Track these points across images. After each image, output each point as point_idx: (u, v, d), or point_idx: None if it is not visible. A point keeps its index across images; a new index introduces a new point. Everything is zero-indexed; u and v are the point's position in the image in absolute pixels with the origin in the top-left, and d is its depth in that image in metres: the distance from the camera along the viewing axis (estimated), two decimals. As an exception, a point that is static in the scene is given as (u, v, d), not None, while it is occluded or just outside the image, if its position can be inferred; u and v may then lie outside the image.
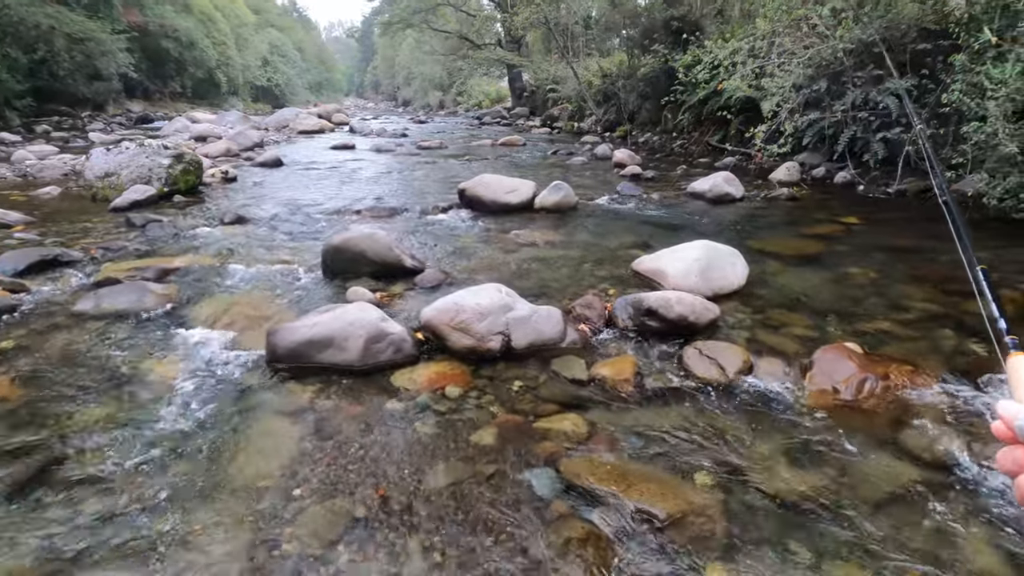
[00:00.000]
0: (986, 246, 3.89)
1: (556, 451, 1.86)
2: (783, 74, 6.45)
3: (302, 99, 43.05)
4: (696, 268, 3.14)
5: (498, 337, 2.45)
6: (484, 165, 8.68)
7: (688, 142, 10.10)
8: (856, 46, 6.12)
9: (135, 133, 13.82)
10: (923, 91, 5.67)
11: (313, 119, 16.94)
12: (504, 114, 21.90)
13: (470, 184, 5.38)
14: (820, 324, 2.73)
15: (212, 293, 3.21)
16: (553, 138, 13.72)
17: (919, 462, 1.80)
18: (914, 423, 1.98)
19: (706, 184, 5.91)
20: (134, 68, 21.99)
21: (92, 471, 1.76)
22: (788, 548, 1.47)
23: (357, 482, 1.72)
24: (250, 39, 37.62)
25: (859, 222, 4.77)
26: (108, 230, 4.55)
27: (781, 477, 1.73)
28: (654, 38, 10.97)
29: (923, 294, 3.07)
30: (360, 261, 3.41)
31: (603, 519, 1.57)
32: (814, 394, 2.18)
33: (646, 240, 4.27)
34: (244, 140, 10.67)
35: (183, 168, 6.03)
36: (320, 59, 59.90)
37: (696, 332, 2.60)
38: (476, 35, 22.86)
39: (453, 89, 32.36)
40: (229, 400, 2.16)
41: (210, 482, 1.72)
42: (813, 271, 3.55)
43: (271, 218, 5.06)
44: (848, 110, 6.23)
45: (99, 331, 2.73)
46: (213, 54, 29.50)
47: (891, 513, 1.59)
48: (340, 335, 2.35)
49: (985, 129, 4.22)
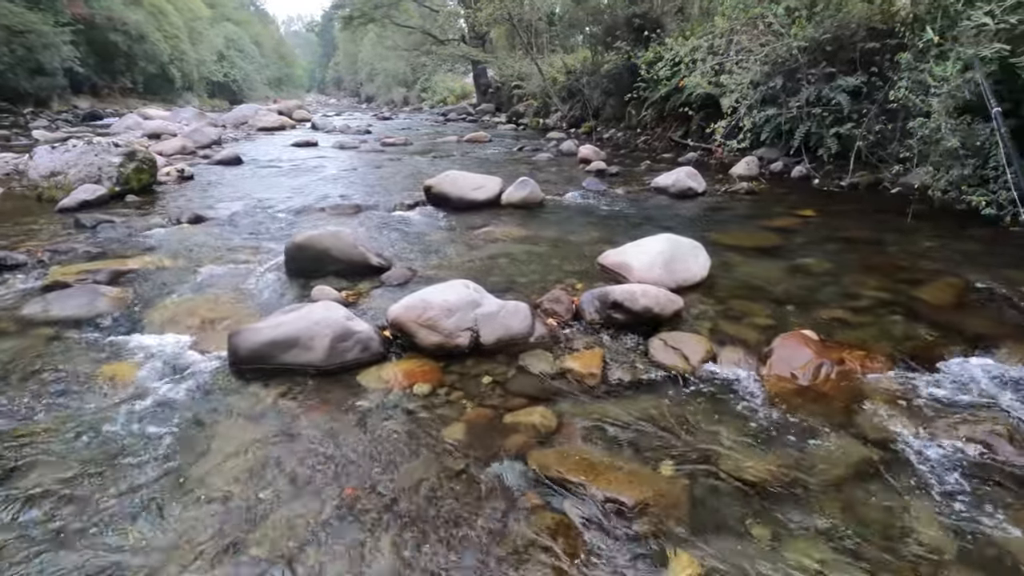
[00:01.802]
0: (931, 236, 4.09)
1: (526, 444, 1.87)
2: (741, 71, 6.62)
3: (261, 95, 41.95)
4: (660, 261, 3.20)
5: (466, 333, 2.45)
6: (450, 162, 8.63)
7: (651, 138, 10.26)
8: (809, 44, 6.33)
9: (83, 130, 13.19)
10: (872, 88, 5.91)
11: (273, 116, 16.51)
12: (469, 110, 21.81)
13: (436, 181, 5.35)
14: (779, 313, 2.83)
15: (170, 295, 3.11)
16: (519, 134, 13.74)
17: (871, 442, 1.88)
18: (867, 405, 2.07)
19: (669, 179, 6.02)
20: (80, 62, 21.04)
21: (43, 485, 1.69)
22: (750, 530, 1.52)
23: (325, 483, 1.70)
24: (204, 33, 36.40)
25: (815, 215, 4.95)
26: (56, 232, 4.35)
27: (743, 462, 1.78)
28: (617, 35, 11.09)
29: (875, 283, 3.21)
30: (325, 259, 3.35)
31: (573, 509, 1.59)
32: (774, 380, 2.25)
33: (612, 234, 4.32)
34: (201, 137, 10.33)
35: (136, 166, 5.80)
36: (279, 54, 58.42)
37: (661, 323, 2.66)
38: (440, 31, 22.66)
39: (417, 85, 32.05)
40: (190, 405, 2.10)
41: (171, 490, 1.67)
42: (772, 262, 3.67)
43: (231, 217, 4.92)
44: (803, 106, 6.43)
45: (48, 337, 2.61)
46: (165, 48, 28.44)
47: (846, 491, 1.66)
48: (305, 335, 2.31)
49: (929, 124, 4.42)
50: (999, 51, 3.87)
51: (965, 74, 4.11)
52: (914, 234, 4.16)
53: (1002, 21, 3.84)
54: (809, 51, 6.38)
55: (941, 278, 3.26)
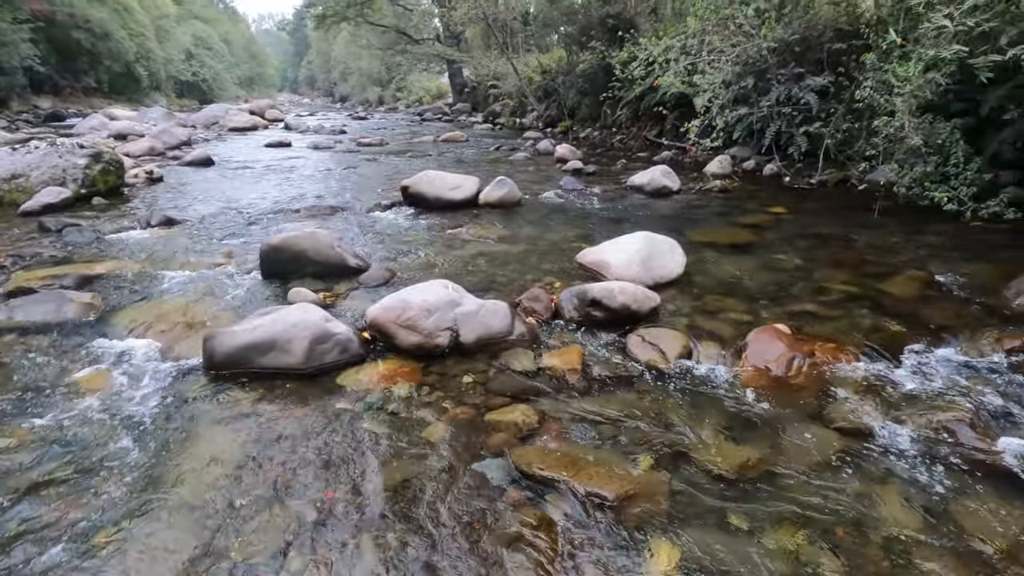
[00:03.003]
0: (897, 231, 4.22)
1: (508, 442, 1.88)
2: (713, 71, 6.73)
3: (232, 94, 41.10)
4: (637, 259, 3.25)
5: (446, 333, 2.45)
6: (427, 162, 8.59)
7: (627, 137, 10.36)
8: (779, 45, 6.47)
9: (45, 131, 12.77)
10: (839, 88, 6.07)
11: (245, 116, 16.20)
12: (445, 110, 21.71)
13: (413, 181, 5.32)
14: (753, 308, 2.89)
15: (141, 300, 3.03)
16: (495, 134, 13.74)
17: (842, 431, 1.94)
18: (837, 395, 2.14)
19: (645, 178, 6.09)
20: (41, 61, 20.34)
21: (11, 493, 1.64)
22: (727, 519, 1.55)
23: (306, 485, 1.69)
24: (172, 31, 35.49)
25: (786, 211, 5.06)
26: (18, 236, 4.21)
27: (720, 453, 1.82)
28: (591, 35, 11.17)
29: (843, 277, 3.30)
30: (301, 261, 3.31)
31: (556, 504, 1.61)
32: (748, 374, 2.30)
33: (589, 233, 4.36)
34: (169, 138, 10.08)
35: (102, 168, 5.64)
36: (250, 53, 57.28)
37: (639, 320, 2.70)
38: (414, 30, 22.50)
39: (392, 85, 31.76)
40: (164, 412, 2.06)
41: (148, 498, 1.63)
42: (746, 258, 3.74)
43: (203, 219, 4.82)
44: (773, 105, 6.58)
45: (13, 345, 2.53)
46: (131, 46, 27.64)
47: (819, 479, 1.71)
48: (283, 337, 2.29)
49: (894, 123, 4.56)
50: (958, 52, 4.01)
51: (927, 74, 4.25)
52: (880, 229, 4.29)
53: (960, 23, 3.98)
54: (778, 52, 6.53)
55: (906, 272, 3.37)
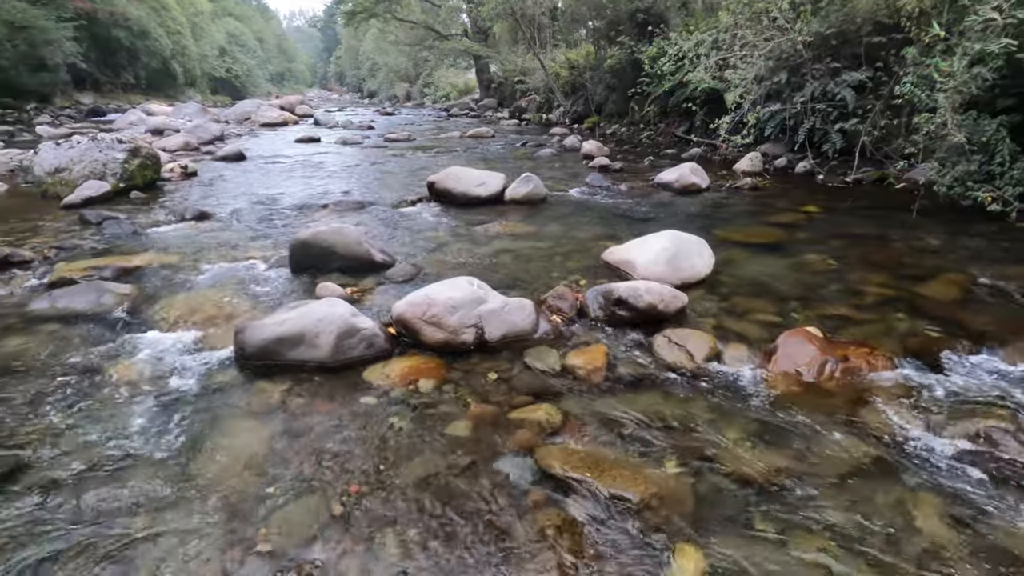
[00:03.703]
0: (936, 232, 4.08)
1: (531, 441, 1.88)
2: (745, 66, 6.59)
3: (263, 91, 41.89)
4: (664, 257, 3.20)
5: (471, 330, 2.45)
6: (453, 158, 8.62)
7: (655, 133, 10.23)
8: (814, 39, 6.30)
9: (86, 126, 13.21)
10: (877, 83, 5.88)
11: (276, 111, 16.49)
12: (472, 106, 21.76)
13: (439, 177, 5.35)
14: (783, 310, 2.83)
15: (175, 292, 3.12)
16: (522, 130, 13.71)
17: (876, 439, 1.88)
18: (871, 402, 2.08)
19: (673, 175, 6.01)
20: (83, 58, 21.01)
21: (52, 480, 1.70)
22: (754, 526, 1.52)
23: (331, 479, 1.71)
24: (206, 28, 36.33)
25: (819, 211, 4.93)
26: (61, 228, 4.37)
27: (747, 458, 1.79)
28: (620, 30, 11.04)
29: (879, 279, 3.20)
30: (329, 256, 3.36)
31: (579, 505, 1.60)
32: (778, 377, 2.25)
33: (615, 231, 4.32)
34: (204, 133, 10.34)
35: (140, 163, 5.81)
36: (281, 49, 58.32)
37: (665, 320, 2.66)
38: (442, 25, 22.60)
39: (420, 80, 31.96)
40: (196, 401, 2.11)
41: (180, 485, 1.68)
42: (776, 259, 3.66)
43: (235, 213, 4.93)
44: (807, 101, 6.41)
45: (55, 334, 2.63)
46: (167, 43, 28.38)
47: (851, 488, 1.66)
48: (311, 331, 2.32)
49: (935, 120, 4.39)
50: (1006, 46, 3.84)
51: (972, 69, 4.08)
52: (919, 230, 4.15)
53: (1010, 16, 3.81)
54: (814, 46, 6.35)
55: (946, 274, 3.25)
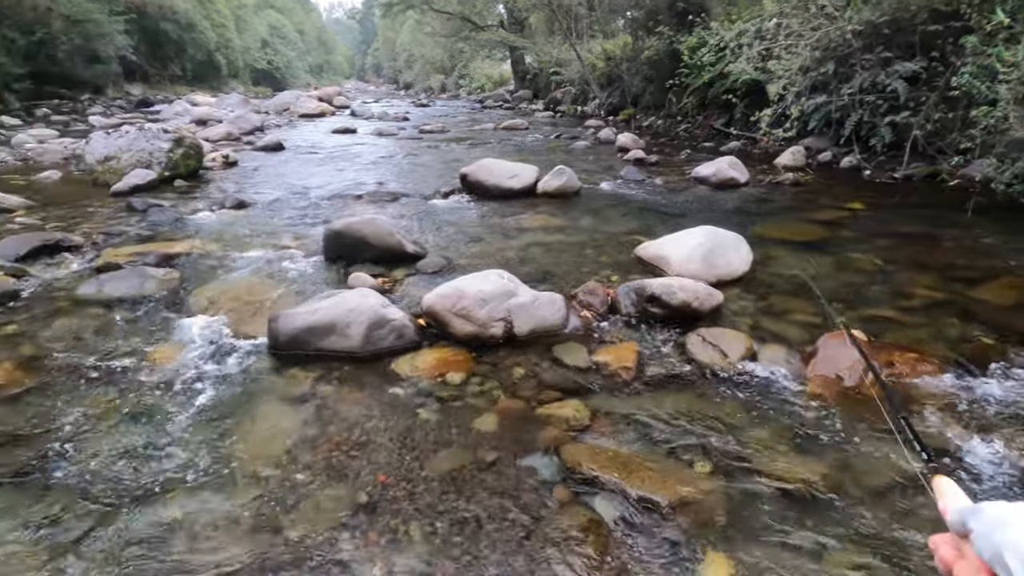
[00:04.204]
0: (992, 232, 3.86)
1: (558, 437, 1.86)
2: (790, 56, 6.35)
3: (303, 82, 42.68)
4: (699, 254, 3.12)
5: (500, 323, 2.44)
6: (486, 149, 8.61)
7: (692, 126, 9.99)
8: (865, 27, 6.01)
9: (135, 116, 13.70)
10: (932, 74, 5.58)
11: (314, 102, 16.78)
12: (507, 97, 21.67)
13: (472, 169, 5.34)
14: (824, 311, 2.72)
15: (213, 278, 3.20)
16: (556, 122, 13.59)
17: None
18: (917, 410, 1.98)
19: (710, 169, 5.85)
20: (133, 50, 21.79)
21: (94, 457, 1.77)
22: (788, 535, 1.47)
23: (359, 468, 1.73)
24: (249, 21, 37.22)
25: (864, 208, 4.73)
26: (109, 215, 4.54)
27: (783, 464, 1.73)
28: (659, 19, 10.79)
29: (928, 280, 3.05)
30: (361, 246, 3.39)
31: (605, 506, 1.57)
32: (817, 381, 2.17)
33: (649, 225, 4.24)
34: (245, 124, 10.60)
35: (183, 152, 5.99)
36: (320, 41, 59.29)
37: (699, 318, 2.59)
38: (478, 16, 22.52)
39: (455, 72, 32.01)
40: (231, 386, 2.17)
41: (212, 468, 1.72)
42: (818, 257, 3.53)
43: (272, 203, 5.03)
44: (855, 93, 6.14)
45: (101, 317, 2.73)
46: (212, 36, 29.20)
47: (894, 501, 1.59)
48: (342, 321, 2.35)
49: (995, 113, 4.14)
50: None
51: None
52: (973, 229, 3.93)
53: (1083, 1, 3.55)
54: (864, 35, 6.07)
55: (1002, 277, 3.07)
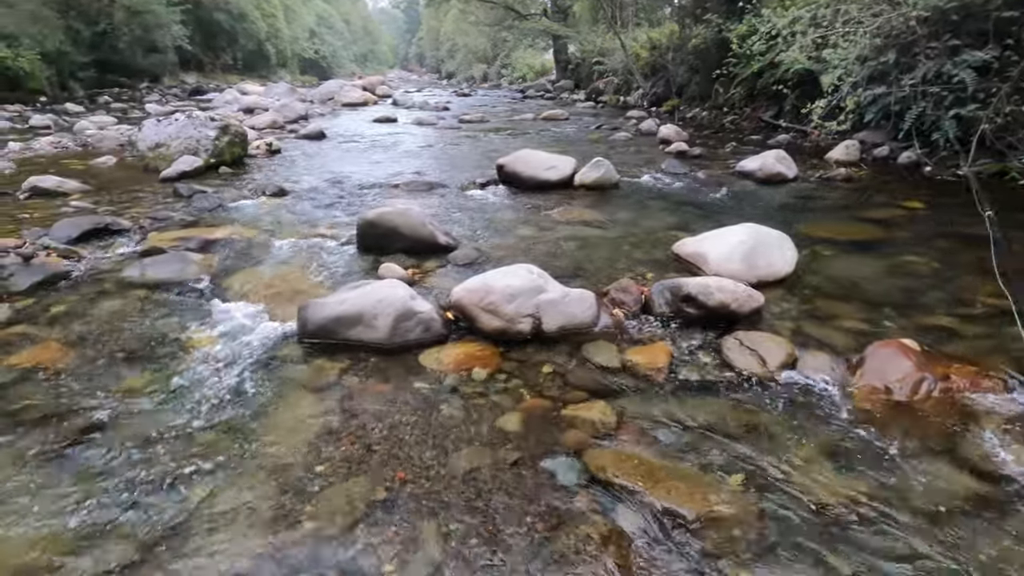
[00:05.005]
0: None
1: (582, 441, 1.80)
2: (847, 45, 6.00)
3: (348, 71, 43.41)
4: (740, 252, 2.98)
5: (528, 319, 2.39)
6: (525, 140, 8.52)
7: (739, 118, 9.63)
8: (931, 13, 5.62)
9: (188, 104, 14.20)
10: (1005, 63, 5.18)
11: (357, 92, 16.99)
12: (548, 87, 21.44)
13: (509, 160, 5.28)
14: (874, 317, 2.55)
15: (249, 264, 3.26)
16: (597, 112, 13.36)
17: (979, 472, 1.65)
18: (975, 430, 1.83)
19: (756, 163, 5.62)
20: (188, 40, 22.59)
21: (131, 436, 1.81)
22: (826, 559, 1.37)
23: (379, 463, 1.71)
24: (298, 11, 38.03)
25: (923, 207, 4.45)
26: (157, 200, 4.70)
27: (823, 481, 1.62)
28: (707, 7, 10.42)
29: (992, 288, 2.82)
30: (394, 236, 3.39)
31: (628, 516, 1.50)
32: (864, 393, 2.03)
33: (689, 221, 4.09)
34: (289, 112, 10.82)
35: (229, 140, 6.14)
36: (366, 31, 60.11)
37: (737, 321, 2.48)
38: (522, 5, 22.34)
39: (497, 61, 31.90)
40: (260, 372, 2.19)
41: (237, 453, 1.74)
42: (869, 259, 3.33)
43: (311, 191, 5.10)
44: (918, 84, 5.75)
45: (143, 299, 2.81)
46: (263, 26, 29.99)
47: (945, 527, 1.46)
48: (369, 312, 2.34)
49: (1076, 106, 3.81)
50: None
51: None
52: (1046, 233, 3.63)
53: None
54: (930, 21, 5.67)
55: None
